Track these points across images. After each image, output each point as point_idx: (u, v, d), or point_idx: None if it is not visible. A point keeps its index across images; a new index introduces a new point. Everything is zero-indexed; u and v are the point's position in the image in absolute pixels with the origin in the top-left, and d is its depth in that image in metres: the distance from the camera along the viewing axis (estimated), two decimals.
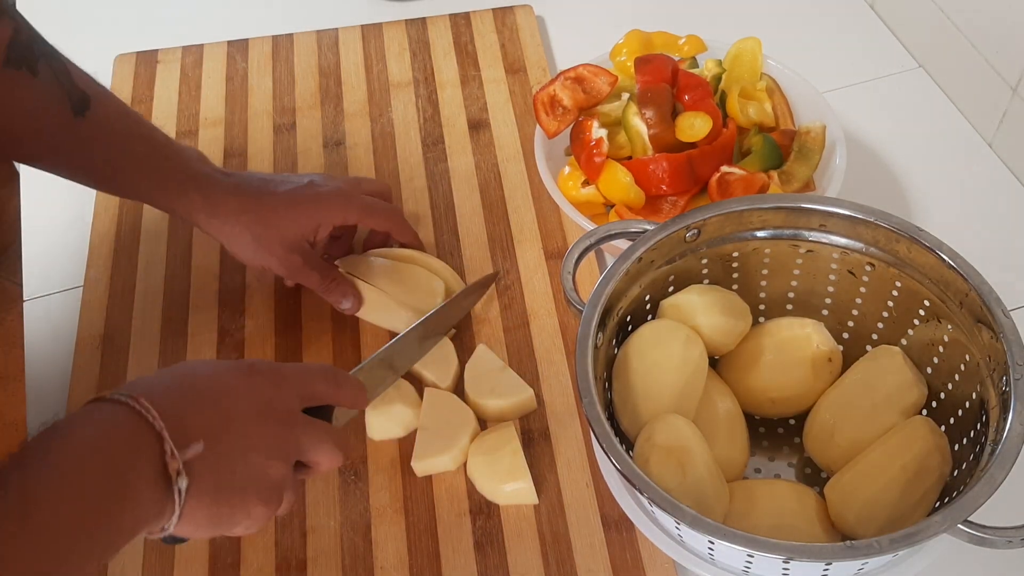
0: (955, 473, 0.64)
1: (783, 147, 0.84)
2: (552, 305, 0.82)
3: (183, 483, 0.50)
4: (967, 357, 0.65)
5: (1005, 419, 0.58)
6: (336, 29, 1.06)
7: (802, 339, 0.71)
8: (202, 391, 0.54)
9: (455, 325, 0.80)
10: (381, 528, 0.71)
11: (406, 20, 1.06)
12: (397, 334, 0.80)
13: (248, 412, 0.55)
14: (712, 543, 0.57)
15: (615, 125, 0.85)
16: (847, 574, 0.59)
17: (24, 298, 0.87)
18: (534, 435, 0.74)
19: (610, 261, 0.69)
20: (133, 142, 0.73)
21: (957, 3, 0.93)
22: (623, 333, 0.71)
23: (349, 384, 0.63)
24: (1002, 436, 0.57)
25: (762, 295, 0.76)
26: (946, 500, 0.63)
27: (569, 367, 0.78)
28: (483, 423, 0.75)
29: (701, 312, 0.70)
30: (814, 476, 0.71)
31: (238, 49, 1.05)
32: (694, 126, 0.80)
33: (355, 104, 0.99)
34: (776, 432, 0.74)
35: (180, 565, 0.70)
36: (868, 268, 0.70)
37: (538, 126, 0.86)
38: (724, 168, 0.81)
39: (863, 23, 1.06)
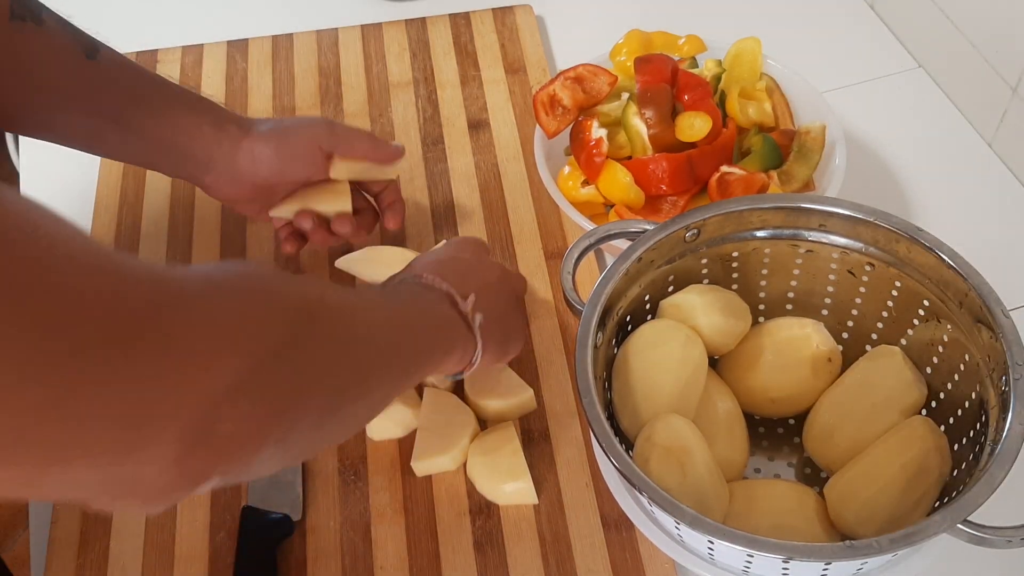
0: (955, 473, 0.64)
1: (783, 147, 0.84)
2: (552, 305, 0.82)
3: (479, 319, 0.65)
4: (967, 357, 0.65)
5: (1005, 419, 0.58)
6: (336, 29, 1.06)
7: (802, 339, 0.71)
8: (458, 265, 0.69)
9: None
10: (381, 528, 0.71)
11: (406, 20, 1.06)
12: None
13: (489, 277, 0.71)
14: (712, 543, 0.57)
15: (615, 125, 0.85)
16: (846, 574, 0.59)
17: None
18: (534, 435, 0.74)
19: (610, 261, 0.69)
20: (144, 79, 0.74)
21: (957, 3, 0.93)
22: (623, 333, 0.71)
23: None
24: (1002, 436, 0.57)
25: (762, 295, 0.76)
26: (946, 500, 0.63)
27: (569, 367, 0.78)
28: (483, 423, 0.75)
29: (701, 312, 0.70)
30: (814, 476, 0.71)
31: (238, 49, 1.05)
32: (694, 126, 0.80)
33: (355, 104, 0.99)
34: (776, 432, 0.74)
35: (180, 564, 0.70)
36: (868, 268, 0.70)
37: (538, 126, 0.86)
38: (724, 168, 0.81)
39: (863, 23, 1.06)
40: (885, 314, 0.72)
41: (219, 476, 0.41)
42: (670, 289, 0.73)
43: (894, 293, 0.70)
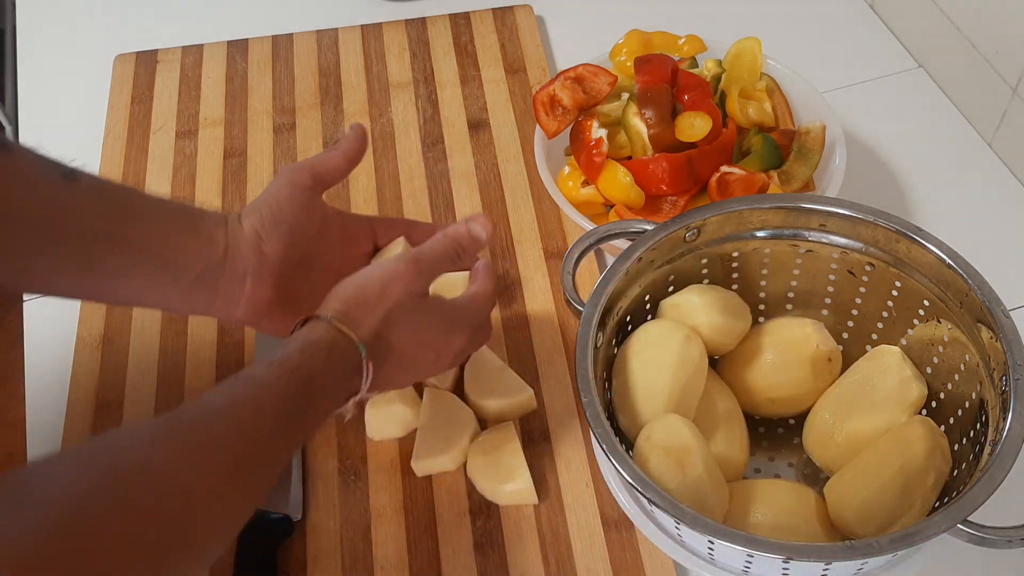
0: (955, 473, 0.64)
1: (783, 147, 0.84)
2: (552, 305, 0.82)
3: (363, 349, 0.60)
4: (967, 357, 0.65)
5: (1005, 419, 0.58)
6: (336, 29, 1.06)
7: (802, 339, 0.71)
8: (365, 291, 0.63)
9: None
10: (381, 528, 0.71)
11: (406, 20, 1.06)
12: None
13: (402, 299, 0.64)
14: (712, 543, 0.57)
15: (615, 125, 0.85)
16: (847, 574, 0.59)
17: (24, 298, 0.87)
18: (534, 435, 0.74)
19: (610, 261, 0.69)
20: (132, 194, 0.66)
21: (957, 3, 0.93)
22: (623, 333, 0.71)
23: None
24: (1002, 436, 0.57)
25: (762, 295, 0.76)
26: (946, 500, 0.63)
27: (569, 367, 0.78)
28: (483, 423, 0.75)
29: (701, 312, 0.70)
30: (814, 476, 0.71)
31: (238, 49, 1.05)
32: (694, 126, 0.80)
33: (355, 104, 0.99)
34: (776, 432, 0.74)
35: None
36: (868, 268, 0.70)
37: (538, 126, 0.86)
38: (724, 168, 0.81)
39: (863, 23, 1.06)
40: (885, 314, 0.72)
41: None
42: (670, 289, 0.73)
43: (894, 293, 0.70)
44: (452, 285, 0.75)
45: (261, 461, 0.55)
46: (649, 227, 0.69)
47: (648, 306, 0.72)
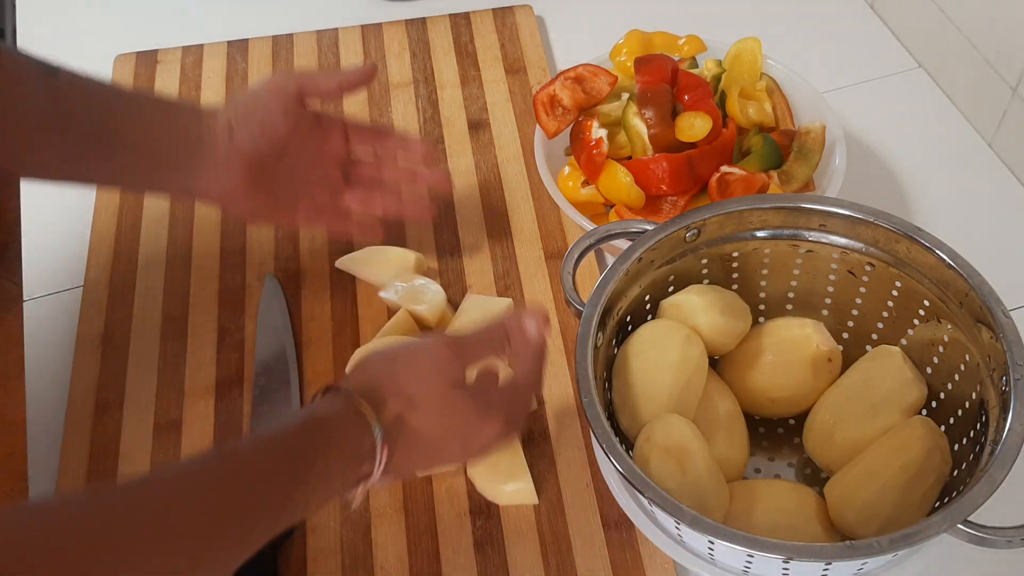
0: (955, 473, 0.64)
1: (783, 147, 0.84)
2: (552, 305, 0.82)
3: (379, 431, 0.56)
4: (967, 357, 0.65)
5: (1005, 419, 0.58)
6: (336, 29, 1.06)
7: (802, 339, 0.71)
8: (393, 365, 0.60)
9: None
10: (381, 528, 0.71)
11: (406, 20, 1.06)
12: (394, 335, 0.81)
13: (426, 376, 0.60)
14: (712, 543, 0.57)
15: (615, 125, 0.85)
16: (847, 574, 0.59)
17: (24, 298, 0.87)
18: (534, 435, 0.74)
19: (610, 261, 0.69)
20: (109, 88, 0.72)
21: (957, 3, 0.93)
22: (623, 333, 0.71)
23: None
24: (1002, 436, 0.57)
25: (762, 295, 0.76)
26: (946, 500, 0.63)
27: (569, 367, 0.78)
28: None
29: (701, 312, 0.70)
30: (814, 476, 0.71)
31: (238, 49, 1.05)
32: (694, 126, 0.80)
33: (355, 104, 0.99)
34: (776, 432, 0.74)
35: None
36: (868, 268, 0.70)
37: (538, 126, 0.86)
38: (724, 168, 0.81)
39: (863, 23, 1.06)
40: (885, 314, 0.72)
41: None
42: (670, 289, 0.73)
43: (894, 293, 0.70)
44: (489, 312, 0.76)
45: (221, 532, 0.50)
46: (649, 227, 0.69)
47: (648, 306, 0.72)
